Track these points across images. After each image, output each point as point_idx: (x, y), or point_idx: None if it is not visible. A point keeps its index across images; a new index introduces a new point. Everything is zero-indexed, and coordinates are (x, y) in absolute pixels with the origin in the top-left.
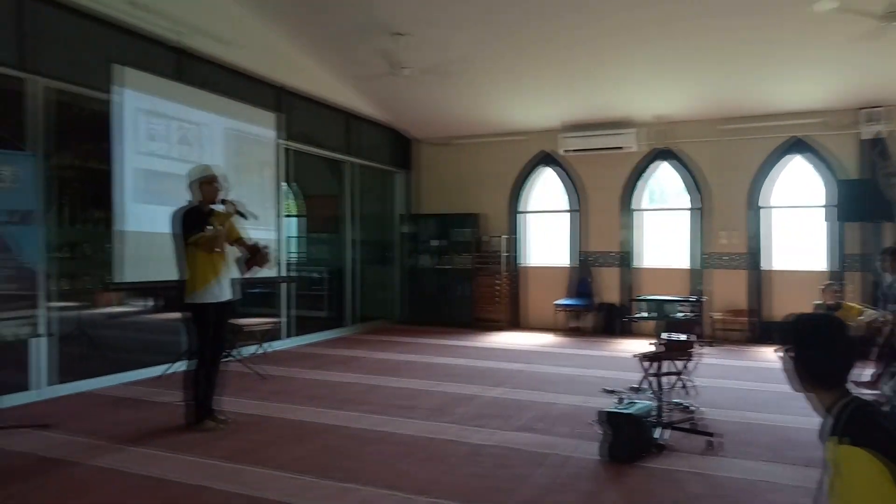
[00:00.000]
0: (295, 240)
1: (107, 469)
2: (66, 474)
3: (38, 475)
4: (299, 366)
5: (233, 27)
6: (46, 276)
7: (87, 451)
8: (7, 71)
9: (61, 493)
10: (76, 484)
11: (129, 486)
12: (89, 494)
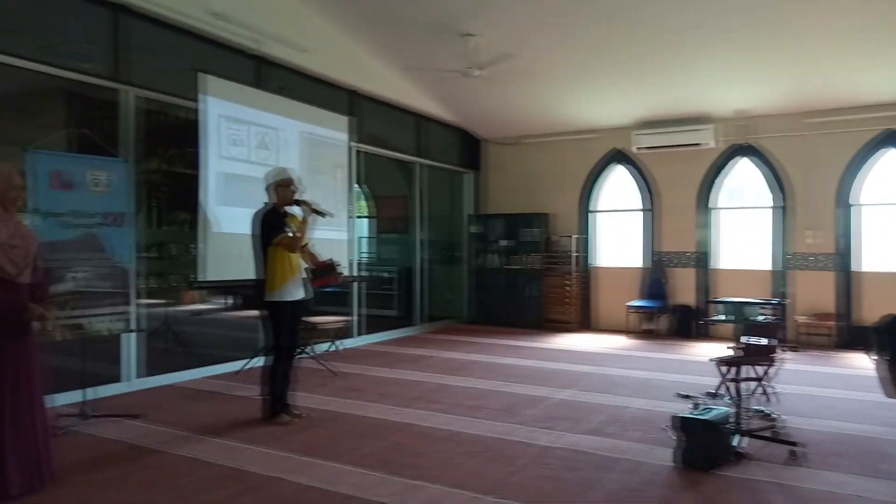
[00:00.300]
0: (365, 240)
1: (190, 458)
2: (154, 462)
3: (130, 462)
4: (370, 363)
5: (308, 34)
6: (136, 275)
7: (172, 440)
8: (104, 83)
9: (150, 480)
10: (163, 471)
11: (210, 475)
12: (175, 481)
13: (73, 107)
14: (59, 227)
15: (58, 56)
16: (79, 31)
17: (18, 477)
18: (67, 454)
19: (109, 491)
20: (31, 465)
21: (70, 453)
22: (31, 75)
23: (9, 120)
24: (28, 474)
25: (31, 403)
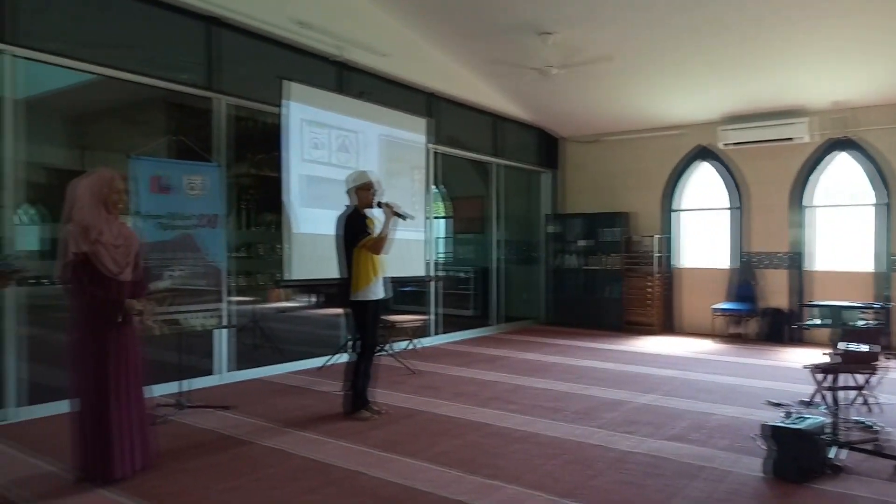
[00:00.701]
0: (442, 240)
1: (276, 449)
2: (243, 452)
3: (220, 451)
4: (446, 362)
5: (388, 39)
6: (228, 274)
7: (259, 431)
8: (198, 92)
9: (239, 469)
10: (251, 461)
11: (294, 467)
12: (262, 471)
13: (172, 115)
14: (158, 228)
15: (158, 68)
16: (176, 44)
17: (121, 461)
18: (164, 442)
19: (202, 478)
20: (132, 450)
21: (167, 441)
22: (135, 87)
23: (115, 129)
24: (129, 459)
25: (133, 393)
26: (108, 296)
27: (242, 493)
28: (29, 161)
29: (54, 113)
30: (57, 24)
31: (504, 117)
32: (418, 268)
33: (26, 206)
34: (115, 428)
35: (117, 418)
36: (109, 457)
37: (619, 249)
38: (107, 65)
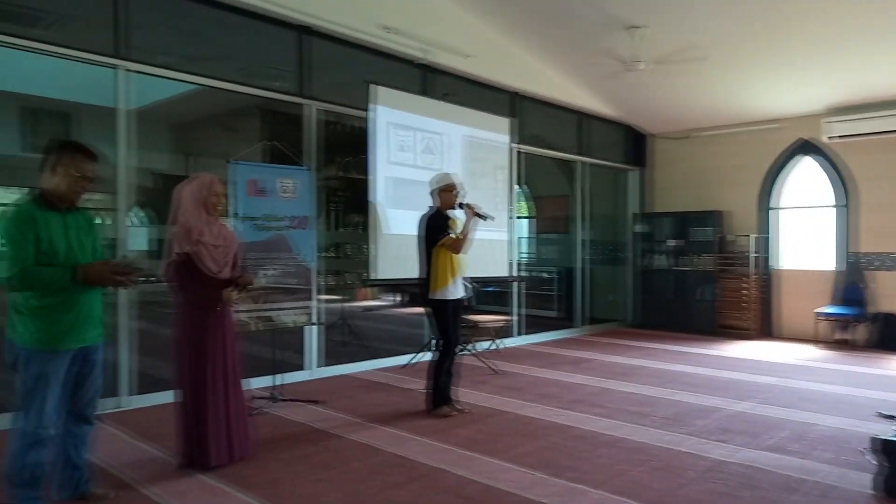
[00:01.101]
0: (525, 240)
1: (362, 444)
2: (332, 445)
3: (310, 443)
4: (530, 363)
5: (472, 41)
6: (318, 273)
7: (347, 426)
8: (291, 98)
9: (327, 461)
10: (339, 454)
11: (381, 462)
12: (349, 465)
13: (266, 121)
14: (254, 229)
15: (254, 77)
16: (271, 53)
17: (217, 450)
18: (259, 432)
19: (293, 468)
20: (228, 440)
21: (261, 432)
22: (233, 95)
23: (215, 135)
24: (225, 448)
25: (231, 385)
26: (209, 293)
27: (331, 485)
28: (139, 167)
29: (161, 122)
30: (164, 39)
31: (589, 115)
32: (501, 268)
33: (136, 209)
34: (212, 418)
35: (214, 409)
36: (206, 445)
37: (711, 249)
38: (208, 76)
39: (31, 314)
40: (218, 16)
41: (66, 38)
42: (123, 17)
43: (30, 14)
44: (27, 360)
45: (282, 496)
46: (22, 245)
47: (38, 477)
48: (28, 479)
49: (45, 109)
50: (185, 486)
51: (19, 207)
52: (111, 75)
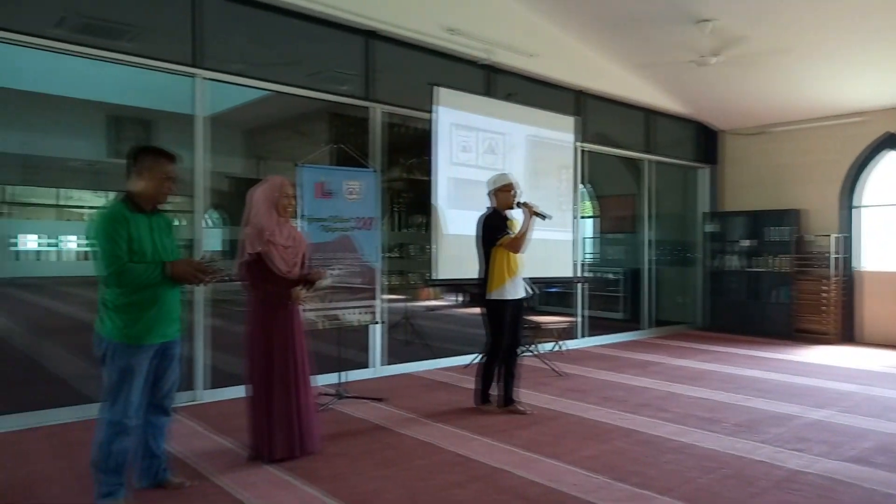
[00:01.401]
0: (589, 241)
1: (425, 442)
2: (394, 442)
3: (374, 440)
4: (594, 366)
5: (536, 40)
6: (382, 273)
7: (409, 423)
8: (357, 102)
9: (390, 458)
10: (401, 451)
11: (442, 460)
12: (411, 462)
13: (333, 125)
14: (321, 230)
15: (321, 82)
16: (337, 58)
17: (285, 444)
18: (325, 428)
19: (357, 464)
20: (296, 434)
21: (327, 427)
22: (301, 100)
23: (285, 139)
24: (291, 442)
25: (299, 381)
26: (279, 292)
27: (394, 481)
28: (213, 171)
29: (233, 127)
30: (236, 47)
31: (657, 111)
32: (565, 269)
33: (211, 211)
34: (281, 413)
35: (284, 404)
36: (275, 439)
37: (788, 250)
38: (278, 81)
39: (118, 310)
40: (288, 23)
41: (148, 50)
42: (200, 28)
43: (117, 28)
44: (114, 354)
45: (345, 490)
46: (118, 244)
47: (122, 464)
48: (114, 466)
49: (129, 117)
50: (255, 478)
51: (112, 209)
52: (189, 84)
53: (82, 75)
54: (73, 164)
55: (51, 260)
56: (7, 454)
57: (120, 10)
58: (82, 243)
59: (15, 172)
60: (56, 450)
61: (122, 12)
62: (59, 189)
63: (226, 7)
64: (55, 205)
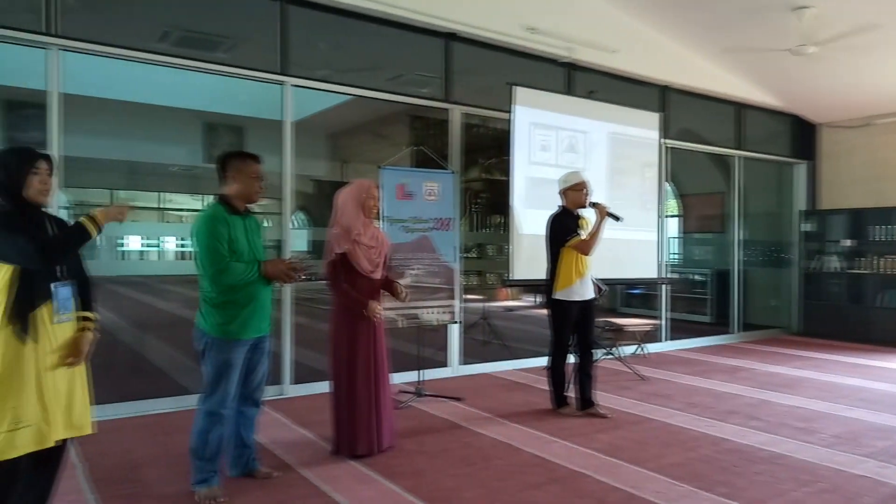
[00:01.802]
0: (673, 240)
1: (503, 443)
2: (473, 441)
3: (452, 439)
4: (678, 370)
5: (618, 35)
6: (460, 273)
7: (487, 423)
8: (437, 104)
9: (468, 457)
10: (479, 451)
11: (521, 461)
12: (489, 462)
13: (413, 127)
14: (401, 231)
15: (402, 85)
16: (418, 61)
17: (367, 439)
18: (405, 425)
19: (435, 462)
20: (377, 430)
21: (407, 424)
22: (382, 104)
23: (367, 142)
24: (372, 438)
25: (380, 378)
26: (361, 292)
27: (472, 480)
28: (300, 174)
29: (317, 131)
30: (321, 54)
31: (748, 105)
32: (649, 269)
33: (298, 213)
34: (363, 409)
35: (365, 401)
36: (357, 434)
37: (894, 250)
38: (360, 86)
39: (217, 307)
40: (370, 29)
41: (241, 60)
42: (287, 37)
43: (213, 40)
44: (213, 348)
45: (424, 487)
46: (221, 243)
47: (217, 453)
48: (210, 454)
49: (222, 124)
50: (337, 472)
51: (212, 210)
52: (278, 91)
53: (181, 85)
54: (172, 170)
55: (152, 259)
56: (112, 440)
57: (216, 23)
58: (180, 244)
59: (121, 177)
60: (155, 437)
61: (217, 25)
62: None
63: (311, 16)
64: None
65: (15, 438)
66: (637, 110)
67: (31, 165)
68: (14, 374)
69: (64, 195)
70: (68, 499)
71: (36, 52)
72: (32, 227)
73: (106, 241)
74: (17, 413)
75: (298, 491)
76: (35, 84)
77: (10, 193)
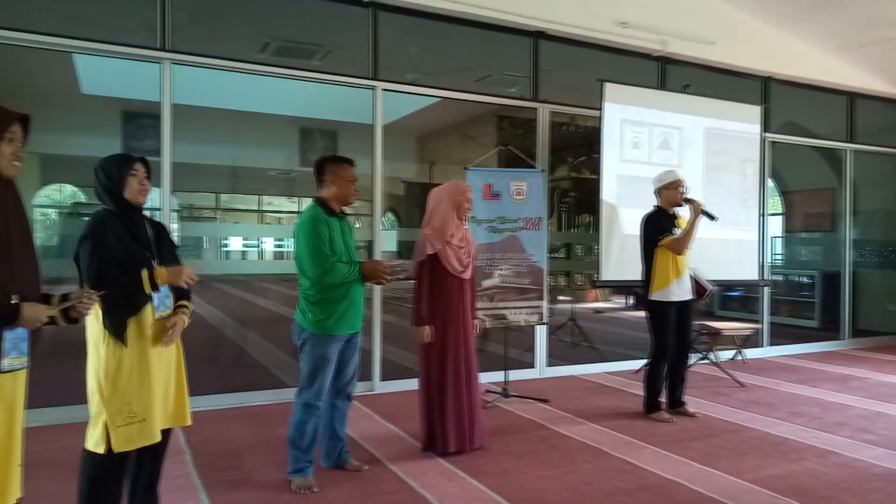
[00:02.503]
0: (776, 240)
1: (591, 446)
2: (560, 443)
3: (539, 440)
4: (781, 377)
5: (715, 25)
6: (548, 273)
7: (574, 426)
8: (525, 104)
9: (556, 459)
10: (567, 454)
11: (609, 466)
12: (577, 465)
13: (500, 127)
14: (488, 231)
15: (489, 86)
16: (505, 61)
17: (455, 437)
18: (491, 425)
19: (522, 462)
20: (464, 428)
21: (493, 424)
22: (469, 104)
23: (454, 144)
24: (462, 436)
25: (471, 377)
26: (451, 292)
27: (559, 483)
28: (388, 176)
29: (406, 134)
30: (410, 58)
31: (861, 94)
32: (749, 270)
33: (388, 214)
34: (452, 408)
35: (455, 400)
36: (446, 432)
37: None
38: (448, 88)
39: (317, 304)
40: (458, 31)
41: (333, 66)
42: (378, 43)
43: (308, 49)
44: (312, 343)
45: (510, 487)
46: (325, 244)
47: (312, 444)
48: (306, 445)
49: (317, 129)
50: (426, 468)
51: (315, 213)
52: (369, 95)
53: (279, 93)
54: (270, 174)
55: (252, 259)
56: (217, 429)
57: (311, 32)
58: (278, 244)
59: (225, 182)
60: (256, 428)
61: (312, 34)
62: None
63: (400, 21)
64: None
65: (130, 433)
66: (736, 103)
67: (129, 168)
68: (123, 373)
69: (175, 199)
70: (177, 483)
71: (151, 66)
72: (133, 227)
73: (210, 241)
74: (130, 409)
75: (387, 485)
76: (149, 96)
77: (112, 196)
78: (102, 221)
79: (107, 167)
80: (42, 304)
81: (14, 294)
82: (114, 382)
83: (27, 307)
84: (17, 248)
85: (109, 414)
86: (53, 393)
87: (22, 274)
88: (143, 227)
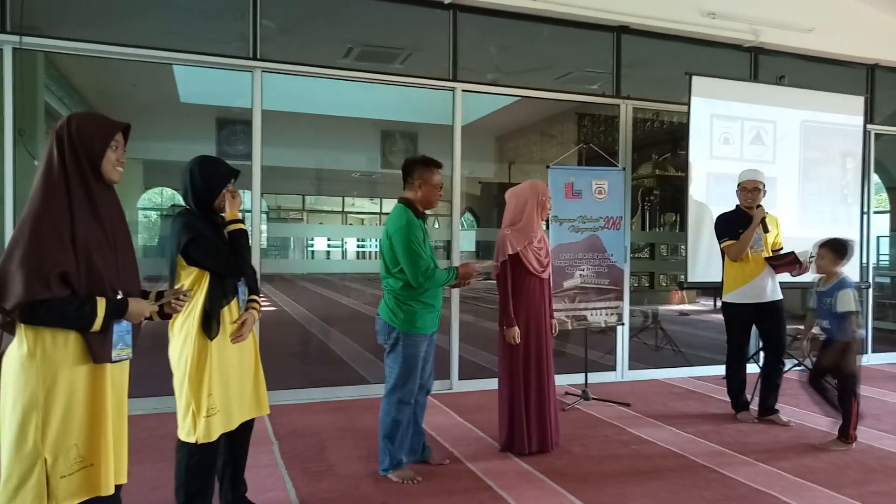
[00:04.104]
0: (881, 239)
1: (674, 452)
2: (642, 449)
3: (619, 444)
4: (888, 387)
5: (812, 11)
6: (630, 274)
7: (657, 431)
8: (607, 100)
9: (637, 464)
10: (648, 459)
11: (695, 474)
12: (660, 472)
13: (582, 125)
14: (569, 231)
15: (569, 83)
16: (586, 57)
17: (534, 439)
18: (571, 428)
19: (602, 467)
20: (545, 430)
21: (573, 427)
22: (548, 103)
23: (534, 143)
24: (544, 436)
25: (550, 378)
26: (532, 291)
27: (641, 489)
28: (467, 176)
29: (485, 134)
30: (490, 58)
31: None
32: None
33: (465, 214)
34: (531, 409)
35: (536, 401)
36: (525, 433)
37: None
38: (527, 87)
39: (408, 305)
40: (537, 29)
41: (414, 69)
42: (457, 44)
43: (390, 53)
44: (406, 343)
45: (590, 491)
46: (423, 248)
47: (405, 437)
48: (400, 438)
49: (398, 131)
50: (504, 468)
51: (407, 216)
52: (449, 96)
53: (361, 97)
54: (353, 176)
55: (335, 258)
56: (303, 421)
57: (392, 36)
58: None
59: (311, 184)
60: (340, 422)
61: (394, 38)
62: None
63: (479, 21)
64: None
65: (211, 424)
66: (835, 94)
67: (228, 182)
68: (206, 366)
69: (264, 201)
70: (265, 472)
71: (243, 75)
72: (220, 232)
73: (296, 242)
74: (211, 401)
75: (466, 483)
76: (241, 103)
77: (202, 201)
78: (194, 223)
79: (207, 175)
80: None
81: (119, 290)
82: (200, 374)
83: (133, 302)
84: (121, 246)
85: (196, 405)
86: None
87: (125, 271)
88: (223, 233)
